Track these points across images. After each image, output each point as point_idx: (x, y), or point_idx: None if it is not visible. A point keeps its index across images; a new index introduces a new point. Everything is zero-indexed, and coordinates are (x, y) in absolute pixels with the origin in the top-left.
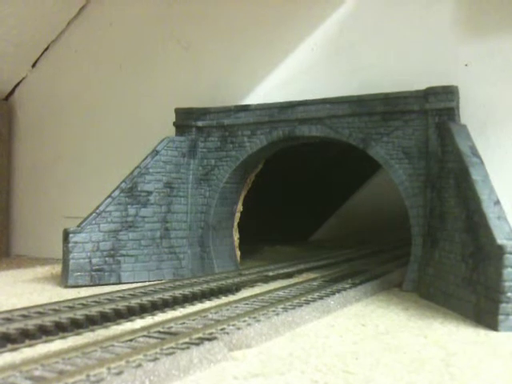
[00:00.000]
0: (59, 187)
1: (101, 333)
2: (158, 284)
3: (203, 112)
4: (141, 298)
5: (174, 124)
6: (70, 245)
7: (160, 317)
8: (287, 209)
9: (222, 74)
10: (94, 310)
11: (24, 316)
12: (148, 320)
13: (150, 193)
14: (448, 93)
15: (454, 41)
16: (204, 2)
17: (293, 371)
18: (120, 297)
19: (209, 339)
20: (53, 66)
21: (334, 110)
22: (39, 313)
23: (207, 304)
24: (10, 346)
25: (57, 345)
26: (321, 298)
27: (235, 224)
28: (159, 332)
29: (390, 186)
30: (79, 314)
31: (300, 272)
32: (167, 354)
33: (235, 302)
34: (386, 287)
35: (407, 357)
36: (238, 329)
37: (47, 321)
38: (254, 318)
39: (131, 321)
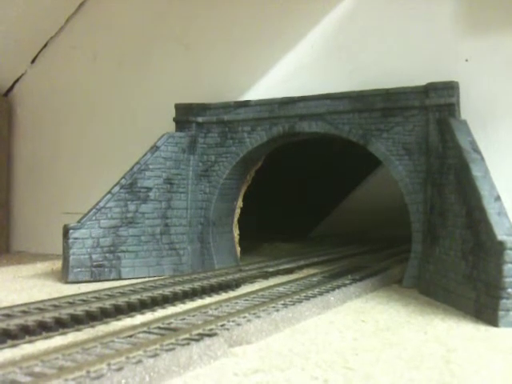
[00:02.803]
0: (59, 183)
1: (101, 329)
2: (158, 280)
3: (203, 108)
4: (141, 293)
5: (174, 120)
6: (70, 241)
7: (160, 313)
8: (287, 205)
9: (222, 70)
10: (94, 306)
11: (24, 312)
12: (148, 316)
13: (149, 189)
14: (448, 88)
15: (454, 36)
16: None
17: (293, 367)
18: (120, 292)
19: (209, 335)
20: (52, 63)
21: (335, 105)
22: (39, 309)
23: (207, 300)
24: (10, 342)
25: (57, 341)
26: (321, 293)
27: (235, 220)
28: (159, 328)
29: (389, 183)
30: (79, 310)
31: (300, 268)
32: (167, 350)
33: (235, 297)
34: (386, 283)
35: (407, 353)
36: (238, 325)
37: (47, 317)
38: (254, 313)
39: (131, 316)
